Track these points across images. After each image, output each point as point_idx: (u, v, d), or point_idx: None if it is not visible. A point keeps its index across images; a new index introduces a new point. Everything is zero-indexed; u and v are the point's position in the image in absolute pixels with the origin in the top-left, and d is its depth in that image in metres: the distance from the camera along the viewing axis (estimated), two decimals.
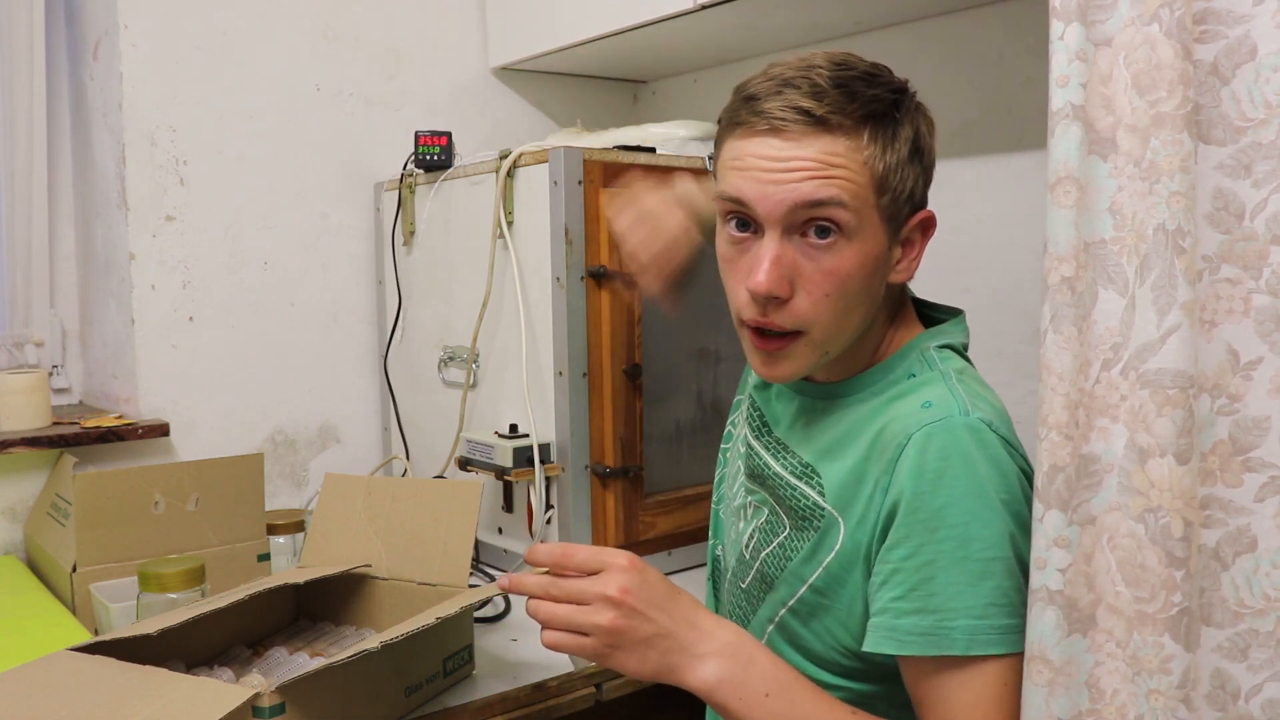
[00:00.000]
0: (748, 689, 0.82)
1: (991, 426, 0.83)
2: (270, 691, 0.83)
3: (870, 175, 0.84)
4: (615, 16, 1.63)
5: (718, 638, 0.84)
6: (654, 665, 0.83)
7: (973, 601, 0.80)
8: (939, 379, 0.88)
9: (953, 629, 0.80)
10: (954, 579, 0.80)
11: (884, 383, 0.92)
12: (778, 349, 0.88)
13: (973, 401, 0.85)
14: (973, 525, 0.80)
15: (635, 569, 0.83)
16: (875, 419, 0.89)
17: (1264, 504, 0.72)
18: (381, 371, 1.77)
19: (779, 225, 0.84)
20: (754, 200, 0.85)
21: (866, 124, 0.84)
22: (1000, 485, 0.82)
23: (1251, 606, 0.73)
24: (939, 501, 0.81)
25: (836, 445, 0.91)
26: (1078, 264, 0.76)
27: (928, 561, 0.81)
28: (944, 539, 0.80)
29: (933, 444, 0.82)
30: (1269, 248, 0.71)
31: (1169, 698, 0.73)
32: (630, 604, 0.82)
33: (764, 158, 0.84)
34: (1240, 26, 0.71)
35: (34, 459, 1.52)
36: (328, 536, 1.20)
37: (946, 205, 1.60)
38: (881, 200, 0.85)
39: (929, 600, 0.80)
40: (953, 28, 1.57)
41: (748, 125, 0.85)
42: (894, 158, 0.85)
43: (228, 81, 1.65)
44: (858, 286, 0.86)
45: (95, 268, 1.70)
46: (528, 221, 1.39)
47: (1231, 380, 0.72)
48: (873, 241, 0.86)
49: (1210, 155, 0.72)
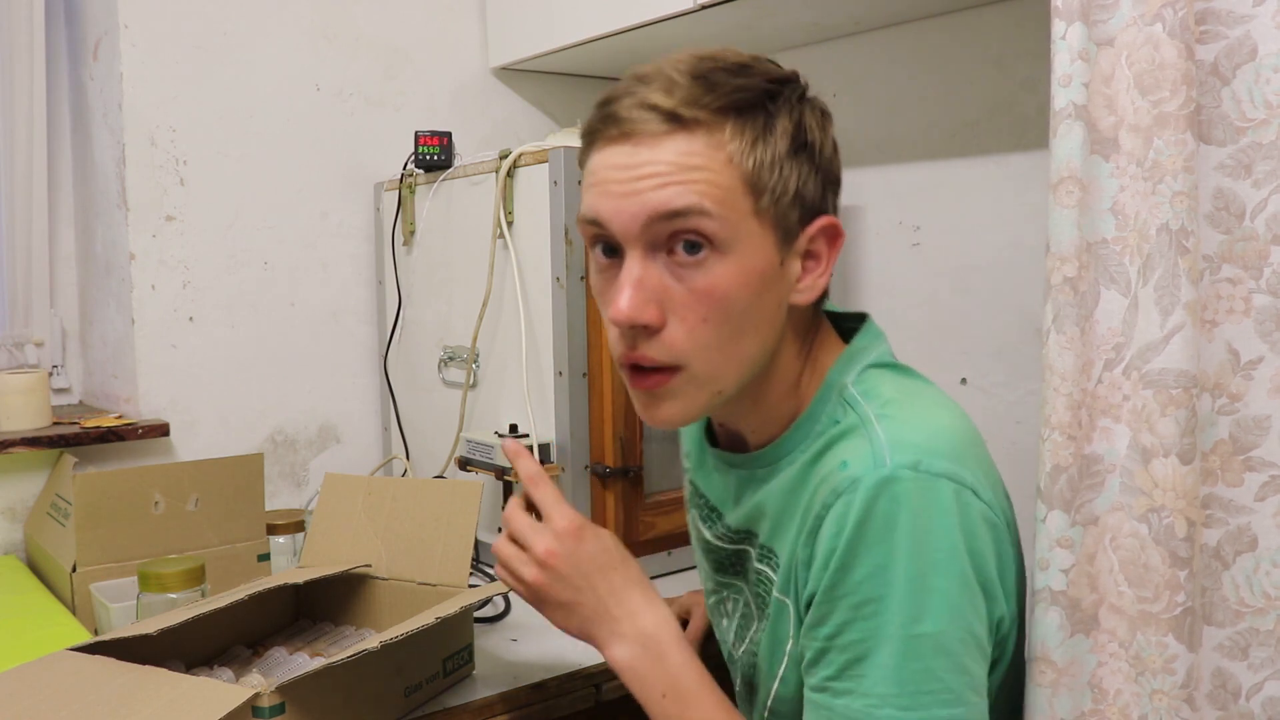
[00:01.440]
0: (649, 683, 0.82)
1: (918, 467, 0.72)
2: (270, 691, 0.83)
3: (739, 175, 0.73)
4: (615, 16, 1.63)
5: (636, 622, 0.83)
6: (575, 628, 0.85)
7: (898, 689, 0.71)
8: (857, 425, 0.77)
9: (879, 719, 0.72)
10: (880, 661, 0.72)
11: (810, 436, 0.81)
12: (655, 386, 0.77)
13: (894, 444, 0.74)
14: (893, 599, 0.71)
15: (570, 535, 0.84)
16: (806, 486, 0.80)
17: (1264, 503, 0.72)
18: (381, 371, 1.77)
19: (638, 243, 0.74)
20: (609, 217, 0.75)
21: (728, 116, 0.73)
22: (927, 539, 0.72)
23: (1252, 605, 0.73)
24: (858, 575, 0.72)
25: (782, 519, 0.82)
26: (1080, 264, 0.76)
27: (855, 641, 0.73)
28: (867, 615, 0.72)
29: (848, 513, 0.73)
30: (1269, 248, 0.71)
31: (1172, 698, 0.73)
32: (553, 566, 0.83)
33: (615, 167, 0.74)
34: (1240, 27, 0.71)
35: (34, 459, 1.52)
36: (328, 536, 1.20)
37: (946, 205, 1.60)
38: (760, 204, 0.74)
39: (860, 683, 0.73)
40: (953, 28, 1.57)
41: (600, 134, 0.77)
42: (767, 153, 0.74)
43: (228, 81, 1.65)
44: (741, 308, 0.75)
45: (95, 268, 1.69)
46: (528, 221, 1.39)
47: (1232, 380, 0.73)
48: (754, 254, 0.74)
49: (1211, 155, 0.72)
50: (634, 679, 0.83)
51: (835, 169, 0.80)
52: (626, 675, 0.83)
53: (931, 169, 0.95)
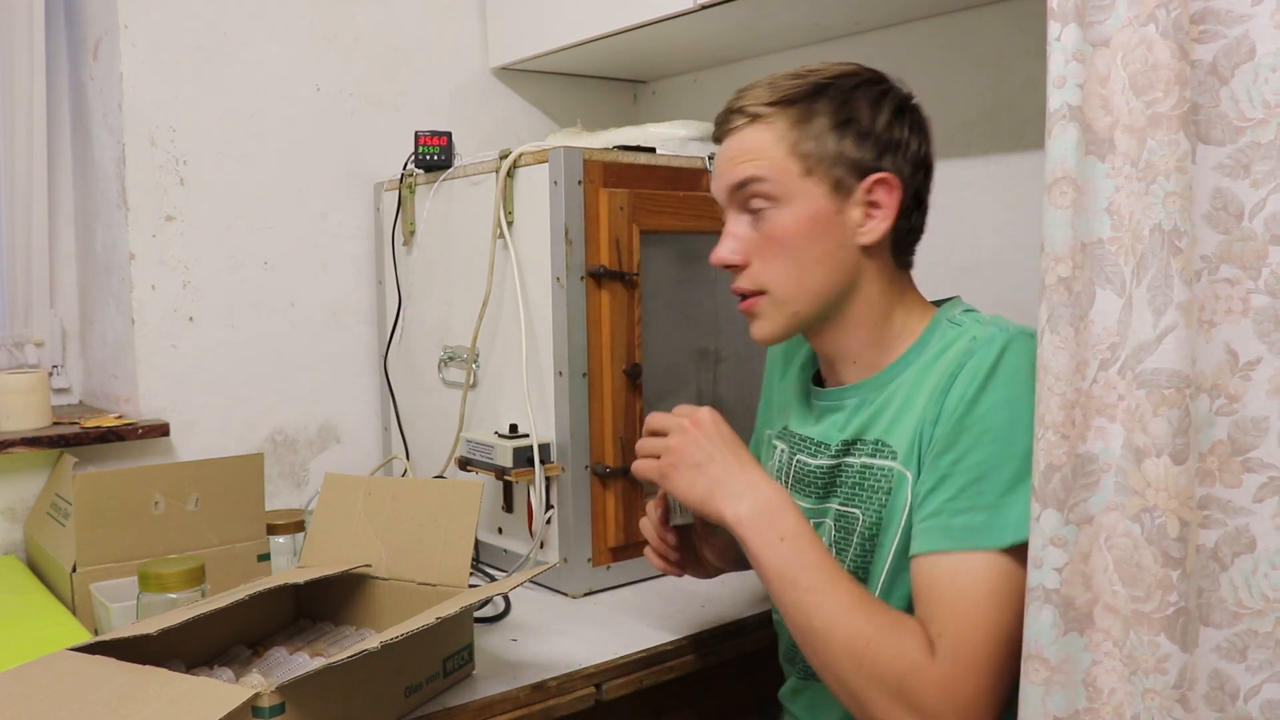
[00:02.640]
0: (768, 531, 0.93)
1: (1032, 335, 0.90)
2: (270, 691, 0.83)
3: (785, 148, 0.97)
4: (615, 16, 1.63)
5: (759, 488, 0.95)
6: (700, 490, 0.97)
7: (1018, 498, 0.86)
8: (973, 323, 0.97)
9: (1004, 525, 0.86)
10: (1001, 479, 0.87)
11: (922, 356, 1.00)
12: (748, 308, 1.02)
13: (1011, 325, 0.94)
14: (1016, 428, 0.87)
15: (713, 416, 1.00)
16: (925, 379, 0.97)
17: (1263, 504, 0.72)
18: (381, 371, 1.77)
19: (729, 206, 1.02)
20: (715, 192, 1.03)
21: (780, 108, 0.98)
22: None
23: (1250, 607, 0.73)
24: (983, 407, 0.89)
25: (901, 412, 0.98)
26: (1074, 264, 0.76)
27: (978, 463, 0.88)
28: (990, 441, 0.88)
29: (981, 365, 0.90)
30: (1268, 248, 0.71)
31: (1165, 697, 0.73)
32: (696, 433, 0.98)
33: (719, 157, 1.02)
34: (1239, 26, 0.71)
35: (34, 459, 1.52)
36: (328, 536, 1.21)
37: (946, 205, 1.60)
38: (804, 166, 0.97)
39: (979, 499, 0.88)
40: (953, 28, 1.57)
41: (715, 132, 1.04)
42: (809, 129, 0.97)
43: (228, 81, 1.65)
44: (803, 245, 0.98)
45: (95, 268, 1.70)
46: (528, 221, 1.39)
47: (1230, 380, 0.73)
48: (807, 204, 0.97)
49: (1209, 155, 0.72)
50: (752, 527, 0.94)
51: (896, 136, 0.99)
52: (745, 524, 0.94)
53: None
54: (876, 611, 0.90)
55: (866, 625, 0.88)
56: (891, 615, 0.90)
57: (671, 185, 1.42)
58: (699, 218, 1.43)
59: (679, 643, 1.20)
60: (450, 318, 1.57)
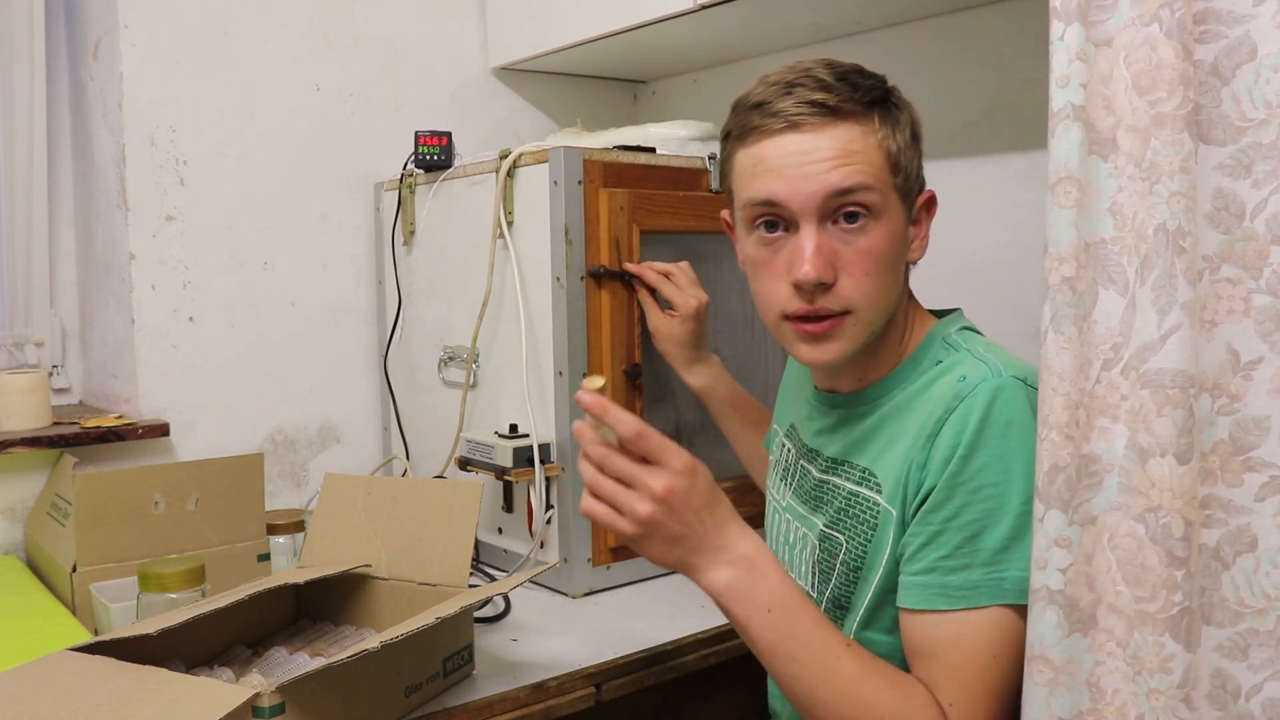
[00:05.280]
0: (753, 601, 0.87)
1: (1026, 381, 0.87)
2: (270, 691, 0.83)
3: (885, 156, 0.90)
4: (615, 16, 1.63)
5: (737, 549, 0.88)
6: (675, 560, 0.89)
7: (1019, 554, 0.84)
8: (966, 355, 0.93)
9: (1003, 580, 0.84)
10: (998, 535, 0.84)
11: (914, 375, 0.96)
12: (827, 330, 0.92)
13: (1003, 364, 0.89)
14: (1011, 482, 0.84)
15: (688, 474, 0.87)
16: (914, 409, 0.93)
17: (1264, 504, 0.72)
18: (381, 371, 1.77)
19: (814, 216, 0.90)
20: (787, 197, 0.90)
21: (874, 109, 0.91)
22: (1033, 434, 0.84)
23: (1252, 606, 0.73)
24: (979, 462, 0.85)
25: (889, 444, 0.95)
26: (1078, 264, 0.76)
27: (973, 520, 0.85)
28: (986, 497, 0.85)
29: (970, 413, 0.86)
30: (1269, 248, 0.71)
31: (1169, 697, 0.73)
32: (671, 503, 0.86)
33: (789, 154, 0.89)
34: (1240, 27, 0.71)
35: (34, 459, 1.52)
36: (328, 536, 1.20)
37: (946, 205, 1.59)
38: (896, 179, 0.92)
39: (974, 556, 0.85)
40: (953, 28, 1.57)
41: (762, 129, 0.90)
42: (902, 139, 0.92)
43: (228, 81, 1.65)
44: (889, 263, 0.92)
45: (95, 268, 1.70)
46: (528, 221, 1.39)
47: (1232, 380, 0.73)
48: (896, 220, 0.92)
49: (1210, 155, 0.72)
50: (735, 598, 0.88)
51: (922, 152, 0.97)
52: (728, 596, 0.88)
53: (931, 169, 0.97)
54: (883, 684, 0.86)
55: (876, 701, 0.85)
56: (897, 685, 0.86)
57: (671, 185, 1.42)
58: (699, 218, 1.43)
59: (679, 643, 1.20)
60: (450, 318, 1.57)
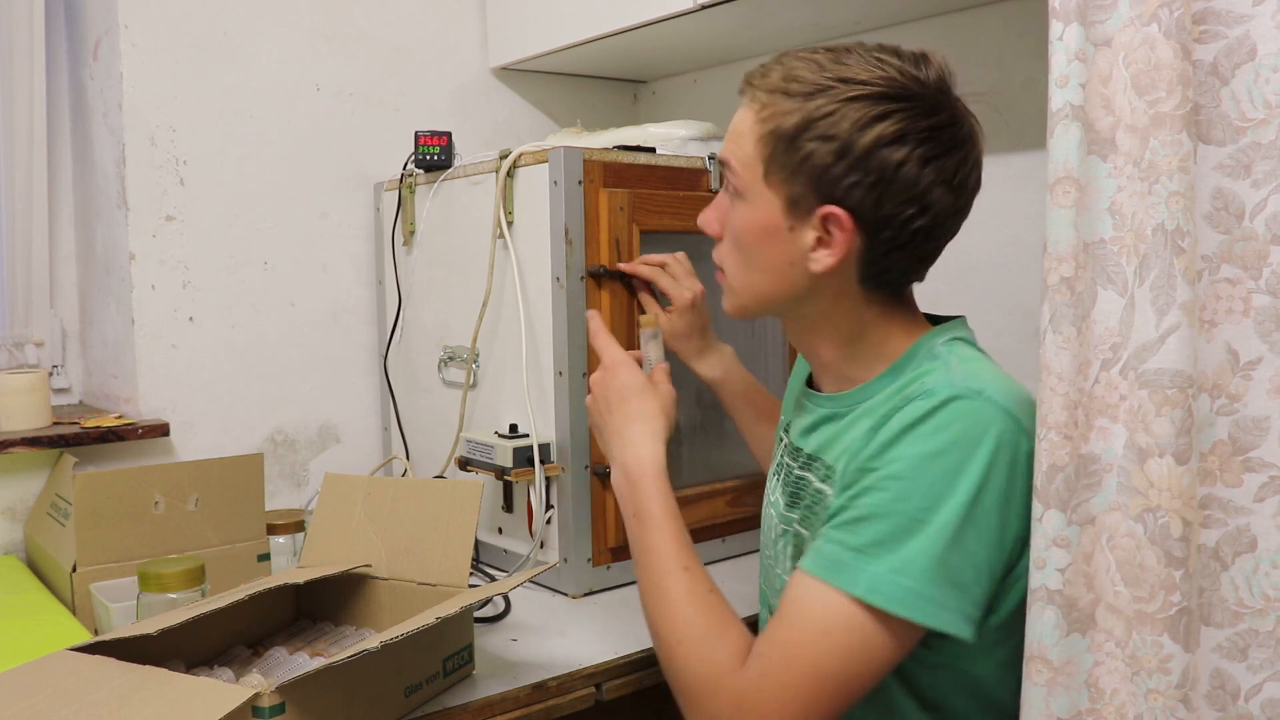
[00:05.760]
0: (625, 503, 0.97)
1: (982, 395, 0.83)
2: (270, 691, 0.83)
3: (755, 141, 0.89)
4: (615, 16, 1.63)
5: (628, 451, 0.98)
6: (604, 450, 1.03)
7: (895, 558, 0.80)
8: (940, 366, 0.89)
9: (864, 571, 0.80)
10: (883, 527, 0.81)
11: (893, 382, 0.93)
12: (719, 279, 0.99)
13: (970, 377, 0.85)
14: (918, 483, 0.81)
15: (606, 369, 1.03)
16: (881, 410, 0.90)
17: (1264, 504, 0.72)
18: (381, 371, 1.77)
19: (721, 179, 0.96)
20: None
21: (773, 96, 0.88)
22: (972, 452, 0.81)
23: (1251, 606, 0.73)
24: (895, 454, 0.82)
25: (853, 441, 0.92)
26: (1077, 264, 0.76)
27: (867, 504, 0.82)
28: (886, 489, 0.82)
29: (912, 410, 0.84)
30: (1269, 248, 0.71)
31: (1168, 697, 0.73)
32: (595, 394, 1.04)
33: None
34: (1240, 26, 0.71)
35: (34, 459, 1.52)
36: (328, 536, 1.20)
37: None
38: (767, 171, 0.89)
39: (851, 537, 0.82)
40: (953, 28, 1.57)
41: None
42: (784, 132, 0.86)
43: (228, 81, 1.65)
44: (748, 247, 0.92)
45: (95, 268, 1.70)
46: (528, 221, 1.39)
47: (1231, 380, 0.73)
48: (761, 210, 0.90)
49: (1210, 155, 0.72)
50: (619, 498, 0.98)
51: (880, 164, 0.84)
52: (616, 493, 0.99)
53: None
54: (703, 610, 0.86)
55: (687, 626, 0.86)
56: (717, 620, 0.86)
57: (671, 185, 1.42)
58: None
59: None
60: (450, 318, 1.57)
